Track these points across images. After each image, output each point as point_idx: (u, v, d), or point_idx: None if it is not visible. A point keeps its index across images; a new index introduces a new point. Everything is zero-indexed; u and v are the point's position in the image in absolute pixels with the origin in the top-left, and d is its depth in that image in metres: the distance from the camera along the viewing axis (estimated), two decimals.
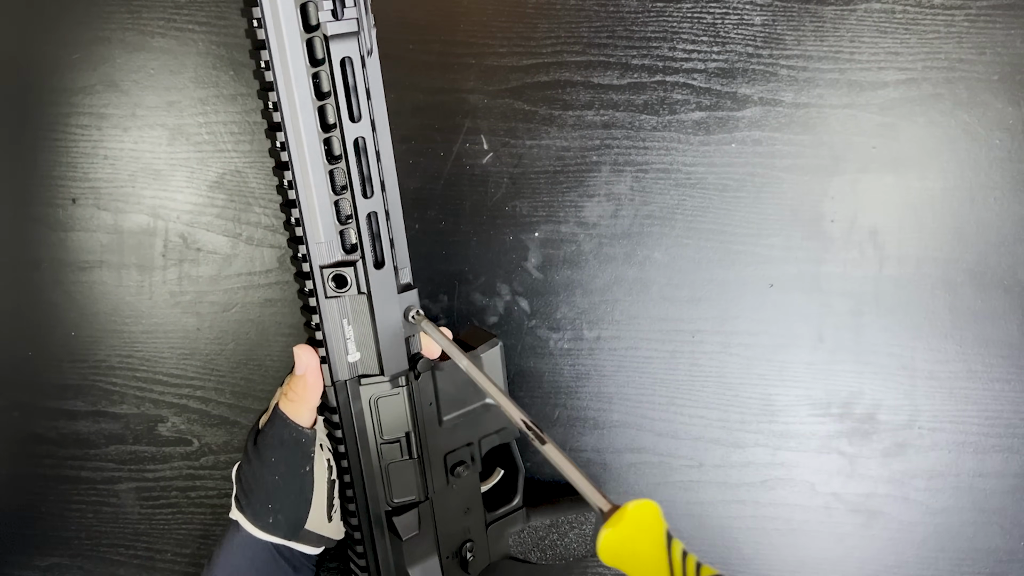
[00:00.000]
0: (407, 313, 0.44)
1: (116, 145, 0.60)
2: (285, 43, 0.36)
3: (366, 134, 0.40)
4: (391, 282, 0.43)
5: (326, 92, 0.38)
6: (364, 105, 0.39)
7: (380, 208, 0.42)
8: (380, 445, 0.47)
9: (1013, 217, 0.60)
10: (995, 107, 0.59)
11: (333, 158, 0.40)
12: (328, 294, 0.42)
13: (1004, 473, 0.63)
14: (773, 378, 0.62)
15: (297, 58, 0.37)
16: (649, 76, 0.59)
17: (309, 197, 0.40)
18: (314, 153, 0.39)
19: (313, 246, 0.41)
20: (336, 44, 0.37)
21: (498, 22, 0.58)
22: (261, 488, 0.45)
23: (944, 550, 0.64)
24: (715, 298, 0.61)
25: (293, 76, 0.37)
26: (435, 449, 0.49)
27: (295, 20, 0.36)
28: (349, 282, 0.42)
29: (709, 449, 0.63)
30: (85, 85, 0.59)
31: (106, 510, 0.64)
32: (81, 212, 0.60)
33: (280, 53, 0.37)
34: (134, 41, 0.59)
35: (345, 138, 0.39)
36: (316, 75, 0.38)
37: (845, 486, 0.64)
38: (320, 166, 0.39)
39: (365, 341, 0.44)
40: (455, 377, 0.48)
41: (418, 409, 0.47)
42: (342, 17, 0.37)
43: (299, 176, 0.39)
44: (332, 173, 0.40)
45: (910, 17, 0.58)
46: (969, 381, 0.62)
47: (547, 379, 0.63)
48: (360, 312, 0.43)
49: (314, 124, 0.39)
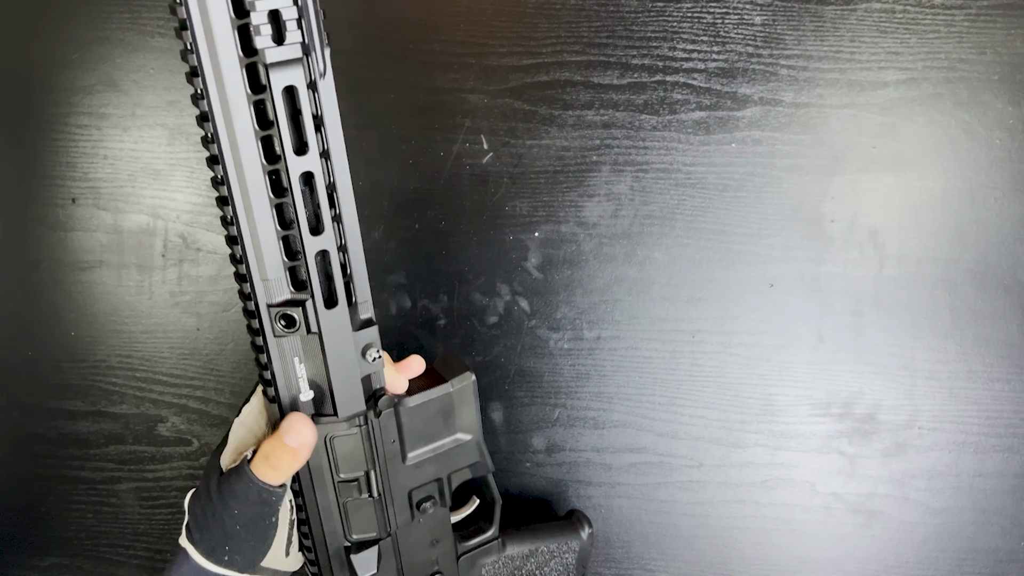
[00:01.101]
0: (365, 352, 0.41)
1: (116, 145, 0.60)
2: (222, 70, 0.33)
3: (314, 167, 0.36)
4: (345, 321, 0.40)
5: (270, 121, 0.35)
6: (312, 136, 0.36)
7: (332, 244, 0.38)
8: (337, 483, 0.44)
9: (1013, 217, 0.60)
10: (995, 107, 0.59)
11: (279, 191, 0.36)
12: (276, 333, 0.39)
13: (1004, 473, 0.63)
14: (773, 378, 0.62)
15: (236, 86, 0.33)
16: (649, 76, 0.59)
17: (253, 233, 0.37)
18: (257, 187, 0.36)
19: (259, 283, 0.38)
20: (277, 72, 0.34)
21: (498, 22, 0.58)
22: (219, 529, 0.42)
23: (944, 550, 0.64)
24: (715, 298, 0.61)
25: (232, 105, 0.34)
26: (399, 486, 0.46)
27: (232, 45, 0.33)
28: (298, 322, 0.39)
29: (709, 449, 0.63)
30: (85, 85, 0.59)
31: (106, 510, 0.64)
32: (81, 212, 0.60)
33: (217, 80, 0.33)
34: (134, 41, 0.59)
35: (290, 172, 0.36)
36: (258, 103, 0.34)
37: (845, 486, 0.64)
38: (264, 201, 0.36)
39: (318, 380, 0.41)
40: (422, 412, 0.46)
41: (378, 447, 0.44)
42: (285, 42, 0.33)
43: (241, 211, 0.36)
44: (279, 207, 0.37)
45: (910, 17, 0.58)
46: (969, 381, 0.62)
47: (547, 379, 0.63)
48: (312, 351, 0.40)
49: (256, 157, 0.35)
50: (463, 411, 0.47)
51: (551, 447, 0.64)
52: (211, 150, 0.35)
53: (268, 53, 0.33)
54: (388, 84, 0.59)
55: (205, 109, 0.34)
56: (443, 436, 0.47)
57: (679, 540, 0.65)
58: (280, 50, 0.33)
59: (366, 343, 0.41)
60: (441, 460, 0.47)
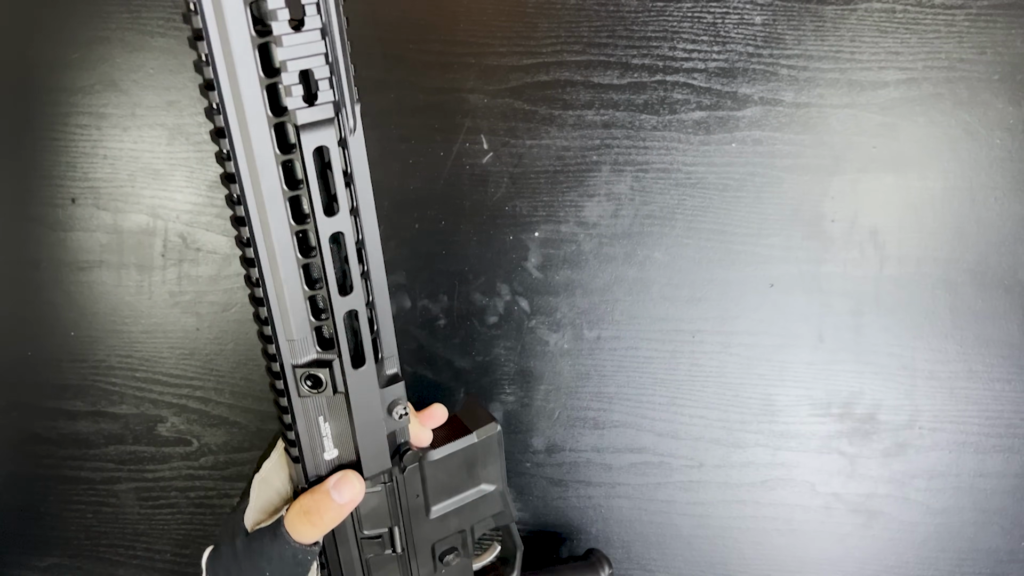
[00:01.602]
0: (391, 409, 0.40)
1: (116, 145, 0.60)
2: (249, 130, 0.31)
3: (344, 227, 0.35)
4: (372, 379, 0.39)
5: (299, 181, 0.33)
6: (342, 195, 0.34)
7: (360, 304, 0.37)
8: (360, 540, 0.44)
9: (1014, 217, 0.60)
10: (996, 107, 0.59)
11: (307, 251, 0.35)
12: (302, 394, 0.38)
13: (1005, 473, 0.63)
14: (773, 378, 0.62)
15: (264, 146, 0.32)
16: (649, 76, 0.59)
17: (279, 293, 0.35)
18: (285, 248, 0.34)
19: (284, 344, 0.37)
20: (308, 133, 0.32)
21: (498, 21, 0.58)
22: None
23: (945, 550, 0.64)
24: (715, 298, 0.61)
25: (260, 166, 0.32)
26: (422, 540, 0.46)
27: (261, 105, 0.31)
28: (324, 383, 0.37)
29: (709, 449, 0.63)
30: (85, 85, 0.59)
31: (105, 510, 0.64)
32: (80, 212, 0.60)
33: (244, 140, 0.32)
34: (134, 41, 0.59)
35: (319, 233, 0.34)
36: (287, 163, 0.33)
37: (845, 486, 0.64)
38: (292, 261, 0.35)
39: (343, 439, 0.40)
40: (447, 465, 0.45)
41: (403, 502, 0.44)
42: (316, 102, 0.32)
43: (267, 272, 0.35)
44: (306, 267, 0.35)
45: (911, 17, 0.58)
46: (970, 381, 0.62)
47: (547, 379, 0.63)
48: (338, 410, 0.39)
49: (284, 217, 0.34)
50: (488, 462, 0.46)
51: (551, 447, 0.64)
52: (237, 211, 0.34)
53: (299, 114, 0.31)
54: (388, 84, 0.59)
55: (232, 171, 0.32)
56: (467, 488, 0.46)
57: (679, 540, 0.65)
58: (311, 111, 0.32)
59: (392, 400, 0.40)
60: (465, 512, 0.47)
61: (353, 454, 0.40)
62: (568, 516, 0.65)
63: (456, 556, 0.47)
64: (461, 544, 0.48)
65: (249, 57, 0.30)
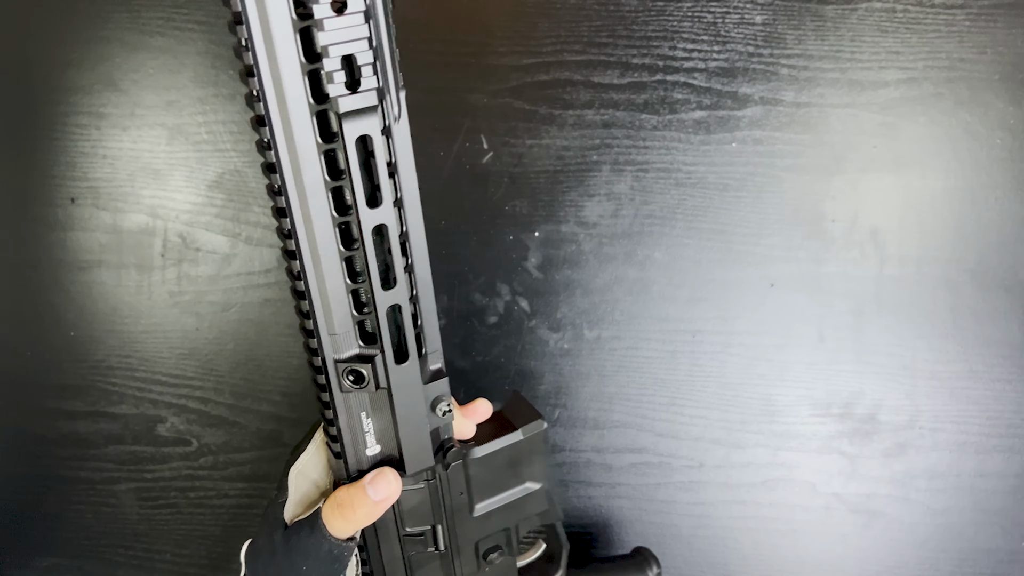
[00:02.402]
0: (435, 405, 0.39)
1: (115, 144, 0.60)
2: (291, 118, 0.30)
3: (388, 219, 0.34)
4: (415, 375, 0.38)
5: (341, 171, 0.32)
6: (386, 186, 0.33)
7: (404, 298, 0.36)
8: (403, 537, 0.43)
9: (1014, 217, 0.60)
10: (996, 106, 0.59)
11: (350, 243, 0.34)
12: (344, 388, 0.37)
13: (1005, 473, 0.63)
14: (774, 378, 0.62)
15: (305, 136, 0.31)
16: (649, 75, 0.59)
17: (321, 287, 0.34)
18: (327, 240, 0.33)
19: (326, 338, 0.36)
20: (351, 122, 0.31)
21: (498, 21, 0.58)
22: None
23: (945, 550, 0.64)
24: (716, 298, 0.61)
25: (301, 156, 0.31)
26: (465, 538, 0.45)
27: (302, 93, 0.30)
28: (367, 378, 0.37)
29: (710, 449, 0.63)
30: (84, 84, 0.59)
31: (105, 511, 0.64)
32: (80, 212, 0.60)
33: (285, 129, 0.31)
34: (133, 40, 0.58)
35: (362, 225, 0.33)
36: (329, 152, 0.32)
37: (846, 486, 0.63)
38: (334, 254, 0.34)
39: (386, 435, 0.39)
40: (491, 462, 0.43)
41: (447, 500, 0.43)
42: (359, 89, 0.30)
43: (310, 266, 0.34)
44: (349, 260, 0.34)
45: (911, 16, 0.58)
46: (970, 381, 0.62)
47: (547, 379, 0.63)
48: (380, 406, 0.38)
49: (327, 209, 0.33)
50: (533, 460, 0.45)
51: (551, 447, 0.63)
52: (278, 202, 0.33)
53: (341, 102, 0.30)
54: None
55: (272, 160, 0.31)
56: (512, 486, 0.45)
57: (679, 540, 0.65)
58: (354, 98, 0.30)
59: (436, 396, 0.39)
60: (509, 510, 0.45)
61: (396, 450, 0.40)
62: (568, 517, 0.65)
63: (500, 555, 0.46)
64: (505, 542, 0.47)
65: (290, 41, 0.29)
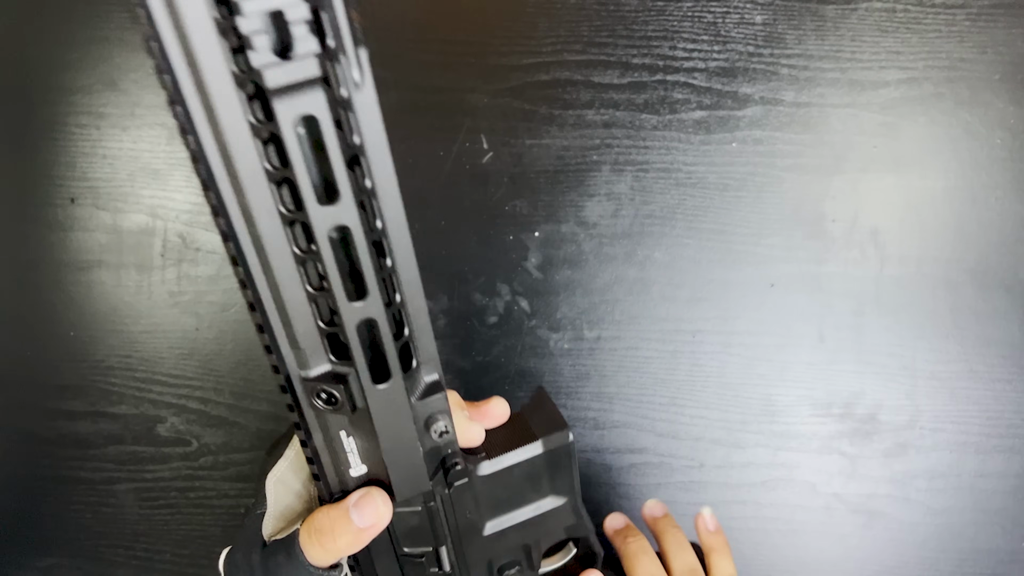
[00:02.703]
0: (429, 424, 0.33)
1: (115, 144, 0.59)
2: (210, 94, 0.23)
3: (350, 218, 0.27)
4: (400, 395, 0.32)
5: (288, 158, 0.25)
6: (342, 178, 0.26)
7: (378, 310, 0.29)
8: (401, 557, 0.38)
9: (1015, 216, 0.60)
10: (996, 106, 0.59)
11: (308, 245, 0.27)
12: (317, 409, 0.32)
13: (1006, 473, 0.63)
14: (774, 378, 0.62)
15: (232, 116, 0.24)
16: (650, 75, 0.59)
17: (277, 297, 0.28)
18: (276, 242, 0.27)
19: (288, 353, 0.30)
20: (284, 100, 0.23)
21: (498, 21, 0.58)
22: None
23: (945, 551, 0.64)
24: (716, 298, 0.61)
25: (229, 141, 0.24)
26: (476, 557, 0.40)
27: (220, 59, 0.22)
28: (340, 400, 0.31)
29: (710, 449, 0.63)
30: (84, 84, 0.59)
31: (105, 511, 0.64)
32: (80, 212, 0.60)
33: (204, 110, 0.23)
34: (133, 40, 0.58)
35: (315, 228, 0.26)
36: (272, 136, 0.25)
37: (846, 487, 0.63)
38: (286, 258, 0.27)
39: (372, 453, 0.33)
40: (505, 478, 0.38)
41: (451, 521, 0.37)
42: (293, 56, 0.23)
43: (257, 272, 0.27)
44: (304, 264, 0.28)
45: (911, 16, 0.58)
46: (971, 381, 0.62)
47: (547, 379, 0.62)
48: (362, 426, 0.32)
49: (271, 205, 0.26)
50: (556, 474, 0.39)
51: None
52: (208, 199, 0.26)
53: (267, 74, 0.23)
54: (388, 84, 0.59)
55: (193, 148, 0.24)
56: (531, 501, 0.40)
57: None
58: (285, 69, 0.23)
59: (430, 414, 0.33)
60: (528, 527, 0.40)
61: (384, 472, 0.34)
62: None
63: (519, 572, 0.41)
64: (524, 558, 0.41)
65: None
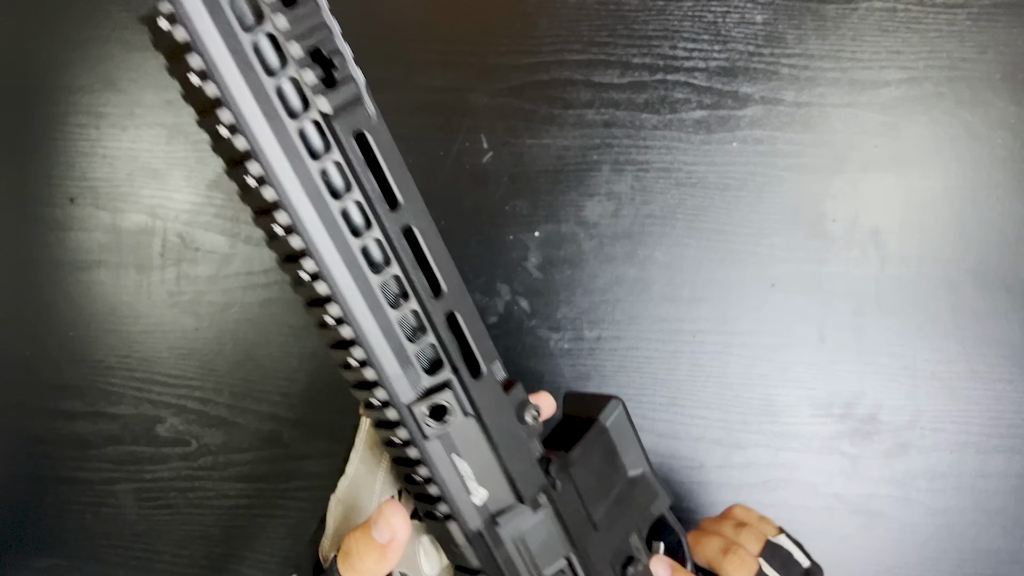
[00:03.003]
0: (521, 414, 0.34)
1: (114, 144, 0.59)
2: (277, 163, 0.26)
3: (412, 219, 0.30)
4: (495, 387, 0.33)
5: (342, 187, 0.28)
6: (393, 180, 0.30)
7: (456, 302, 0.31)
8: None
9: (1015, 216, 0.60)
10: (997, 106, 0.58)
11: (375, 266, 0.29)
12: (427, 435, 0.31)
13: (1006, 474, 0.63)
14: (774, 378, 0.62)
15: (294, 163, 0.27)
16: (650, 75, 0.59)
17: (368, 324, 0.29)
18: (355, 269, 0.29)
19: (394, 384, 0.30)
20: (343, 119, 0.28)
21: (498, 21, 0.58)
22: None
23: (946, 551, 0.64)
24: (716, 298, 0.61)
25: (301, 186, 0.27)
26: (599, 558, 0.39)
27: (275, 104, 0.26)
28: (451, 409, 0.31)
29: (710, 450, 0.63)
30: (83, 84, 0.59)
31: (104, 511, 0.64)
32: (79, 212, 0.60)
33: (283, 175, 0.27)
34: (132, 40, 0.58)
35: (390, 233, 0.29)
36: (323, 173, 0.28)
37: (847, 487, 0.63)
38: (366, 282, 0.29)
39: (487, 471, 0.33)
40: (590, 463, 0.39)
41: (568, 522, 0.37)
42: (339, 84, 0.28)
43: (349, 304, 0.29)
44: (383, 285, 0.30)
45: (912, 16, 0.58)
46: (971, 381, 0.62)
47: (547, 379, 0.62)
48: (470, 438, 0.33)
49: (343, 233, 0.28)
50: (625, 445, 0.41)
51: None
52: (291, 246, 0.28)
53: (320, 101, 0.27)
54: (388, 83, 0.59)
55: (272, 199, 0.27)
56: (617, 482, 0.41)
57: None
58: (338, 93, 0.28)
59: (519, 402, 0.34)
60: (626, 509, 0.41)
61: (503, 483, 0.34)
62: None
63: (637, 564, 0.41)
64: (637, 548, 0.42)
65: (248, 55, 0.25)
